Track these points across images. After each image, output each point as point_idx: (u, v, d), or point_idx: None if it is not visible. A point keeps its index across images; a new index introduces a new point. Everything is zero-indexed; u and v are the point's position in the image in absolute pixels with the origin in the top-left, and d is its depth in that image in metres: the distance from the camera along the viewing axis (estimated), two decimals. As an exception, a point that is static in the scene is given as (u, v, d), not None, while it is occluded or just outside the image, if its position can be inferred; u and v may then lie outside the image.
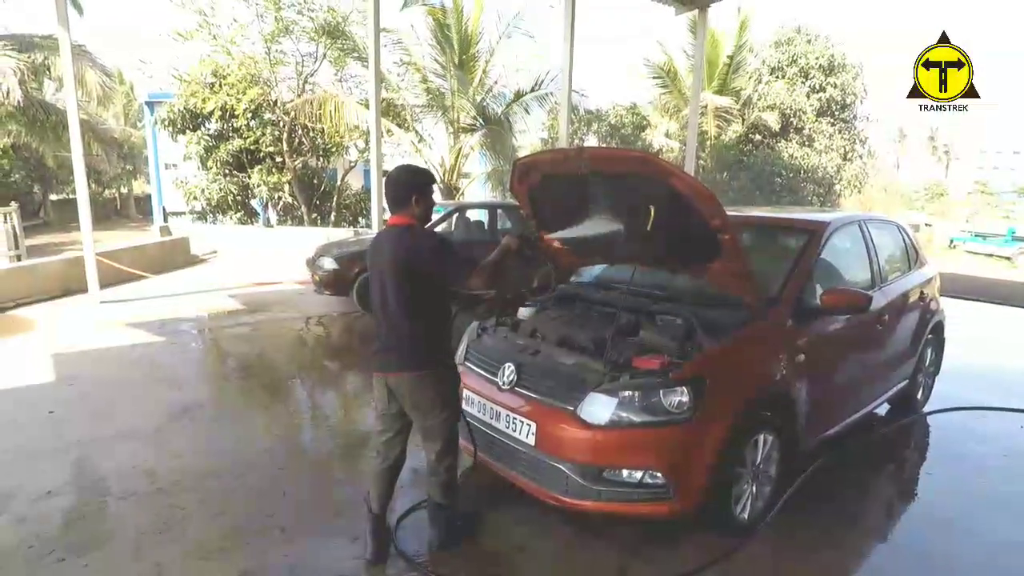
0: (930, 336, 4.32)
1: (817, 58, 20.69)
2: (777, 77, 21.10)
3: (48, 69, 14.68)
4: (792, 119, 20.50)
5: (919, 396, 4.37)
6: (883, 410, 4.20)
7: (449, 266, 2.38)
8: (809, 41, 21.19)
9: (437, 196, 14.55)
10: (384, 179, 2.59)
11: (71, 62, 7.16)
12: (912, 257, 4.34)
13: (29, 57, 13.74)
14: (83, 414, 4.12)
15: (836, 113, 21.11)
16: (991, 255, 22.01)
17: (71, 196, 22.97)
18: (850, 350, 3.47)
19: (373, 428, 2.62)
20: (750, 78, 20.85)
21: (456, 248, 2.41)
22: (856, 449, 3.67)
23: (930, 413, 4.38)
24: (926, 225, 25.90)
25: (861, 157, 22.11)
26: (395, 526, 2.78)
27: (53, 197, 26.47)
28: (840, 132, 21.11)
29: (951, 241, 24.17)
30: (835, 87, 20.64)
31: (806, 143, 20.51)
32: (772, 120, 19.99)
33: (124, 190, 30.91)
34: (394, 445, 2.57)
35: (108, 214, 27.64)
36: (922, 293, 4.20)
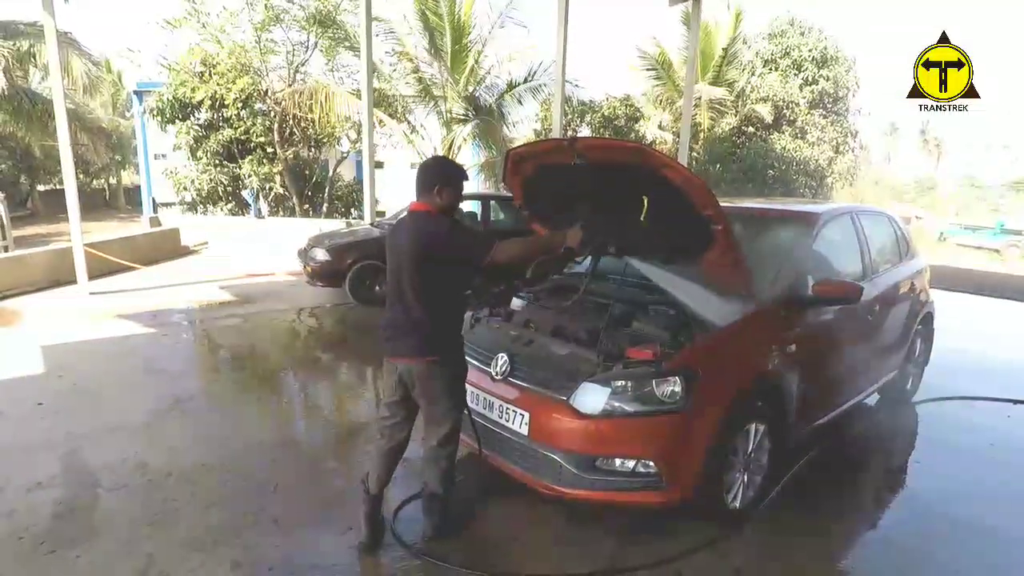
0: (920, 327, 4.36)
1: (810, 51, 20.69)
2: (770, 69, 21.09)
3: (34, 57, 14.44)
4: (785, 111, 20.51)
5: (908, 386, 4.42)
6: (873, 400, 4.24)
7: (469, 243, 2.40)
8: (802, 33, 21.19)
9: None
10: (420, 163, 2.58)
11: (57, 50, 7.05)
12: (903, 249, 4.37)
13: (14, 44, 13.53)
14: (73, 406, 4.09)
15: (828, 106, 21.15)
16: (980, 248, 22.23)
17: (59, 187, 22.64)
18: (841, 340, 3.49)
19: (379, 413, 2.63)
20: (744, 70, 20.84)
21: (472, 227, 2.43)
22: (846, 438, 3.70)
23: (919, 403, 4.43)
24: (917, 218, 26.10)
25: (853, 150, 22.20)
26: (393, 516, 2.79)
27: (41, 188, 26.09)
28: (832, 125, 21.16)
29: (941, 234, 24.38)
30: (828, 80, 20.67)
31: (799, 135, 20.54)
32: (765, 112, 19.99)
33: (113, 181, 30.53)
34: (400, 429, 2.60)
35: (97, 205, 27.29)
36: (912, 284, 4.23)
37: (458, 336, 2.54)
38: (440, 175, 2.44)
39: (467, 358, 3.05)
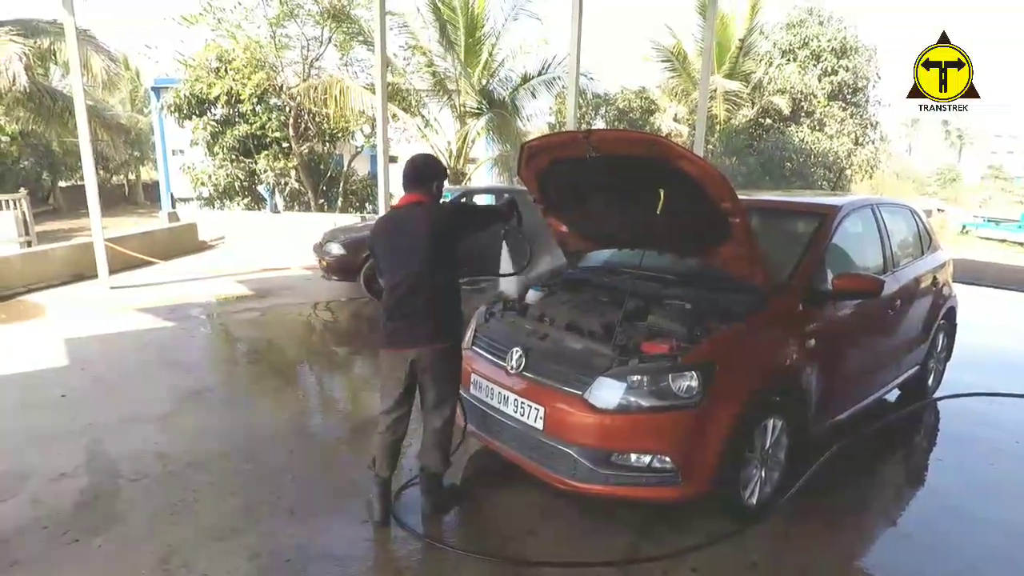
0: (942, 322, 4.27)
1: (829, 40, 20.34)
2: (788, 60, 20.76)
3: (54, 54, 14.63)
4: (803, 103, 20.19)
5: (930, 382, 4.33)
6: (893, 396, 4.17)
7: (482, 212, 2.88)
8: (821, 23, 20.82)
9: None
10: (409, 160, 2.70)
11: (76, 47, 7.13)
12: (925, 242, 4.28)
13: (35, 42, 13.70)
14: (95, 398, 4.16)
15: (848, 97, 20.79)
16: (1004, 241, 21.74)
17: (80, 183, 22.88)
18: (861, 335, 3.44)
19: (381, 407, 2.67)
20: (761, 61, 20.54)
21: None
22: (866, 435, 3.65)
23: (941, 399, 4.35)
24: (939, 211, 25.55)
25: (873, 142, 21.80)
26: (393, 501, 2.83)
27: (62, 184, 26.48)
28: (852, 116, 20.80)
29: (963, 227, 23.85)
30: (847, 70, 20.31)
31: (817, 127, 20.23)
32: (783, 104, 19.69)
33: (132, 176, 30.90)
34: (403, 420, 2.69)
35: (116, 200, 27.65)
36: (935, 278, 4.15)
37: (463, 319, 2.71)
38: (438, 172, 2.70)
39: (482, 352, 3.07)
